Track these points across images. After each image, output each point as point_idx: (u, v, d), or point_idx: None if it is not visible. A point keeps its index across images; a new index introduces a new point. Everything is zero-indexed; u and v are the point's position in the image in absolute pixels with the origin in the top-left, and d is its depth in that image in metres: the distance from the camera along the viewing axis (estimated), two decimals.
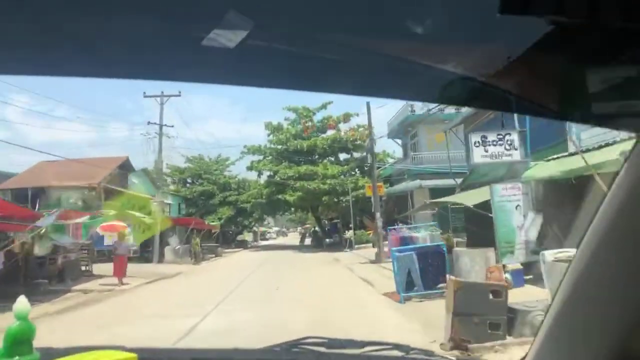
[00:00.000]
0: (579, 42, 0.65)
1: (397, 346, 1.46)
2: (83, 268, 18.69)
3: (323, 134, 35.99)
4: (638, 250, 0.70)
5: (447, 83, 0.75)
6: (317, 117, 36.91)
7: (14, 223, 13.98)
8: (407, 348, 1.44)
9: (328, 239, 34.48)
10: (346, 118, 35.69)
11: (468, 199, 12.10)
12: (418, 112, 26.84)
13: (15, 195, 26.53)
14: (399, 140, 33.07)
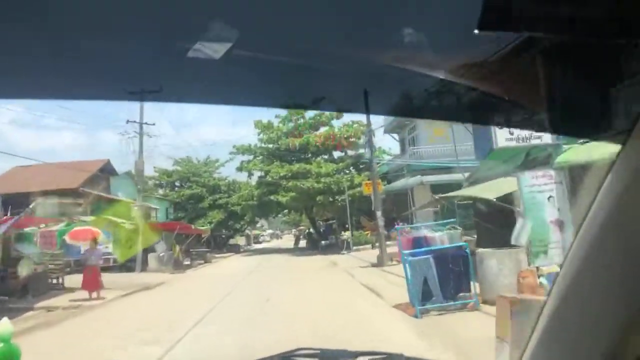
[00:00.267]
0: (557, 53, 0.67)
1: (390, 356, 1.43)
2: (54, 281, 16.83)
3: (316, 131, 34.35)
4: (631, 249, 0.69)
5: (431, 96, 0.80)
6: (309, 114, 35.32)
7: None
8: (401, 358, 1.41)
9: (324, 241, 32.76)
10: (339, 114, 34.13)
11: (486, 191, 10.45)
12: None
13: None
14: (396, 135, 31.53)
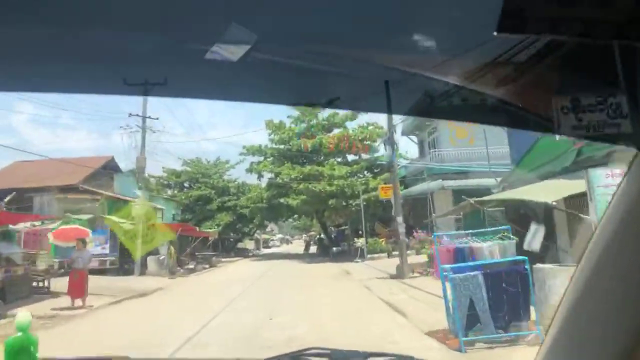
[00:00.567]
0: (576, 58, 0.67)
1: (400, 357, 1.48)
2: (40, 284, 15.35)
3: (329, 133, 32.73)
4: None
5: (446, 97, 0.81)
6: (323, 114, 33.77)
7: None
8: (410, 359, 1.43)
9: (335, 248, 31.00)
10: (353, 115, 32.51)
11: (541, 193, 8.64)
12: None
13: None
14: (415, 137, 29.76)
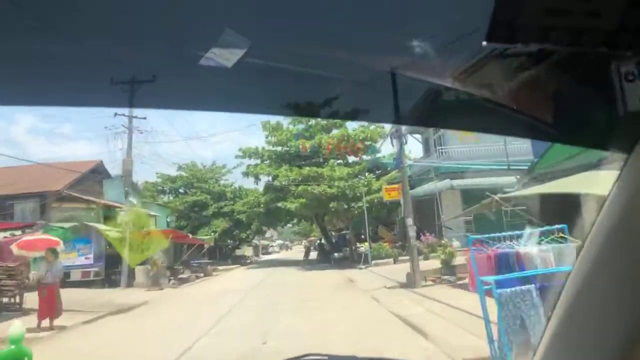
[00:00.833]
0: (566, 66, 0.67)
1: None
2: (12, 300, 13.83)
3: (328, 134, 31.30)
4: (636, 257, 0.69)
5: (439, 104, 0.82)
6: (320, 115, 32.35)
7: None
8: None
9: (337, 253, 29.49)
10: (355, 115, 31.08)
11: (583, 185, 7.16)
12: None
13: None
14: (419, 136, 28.34)
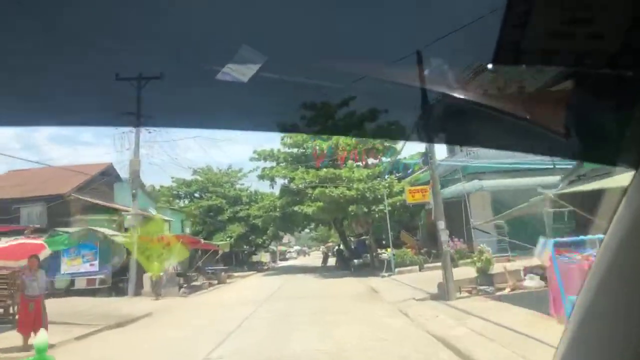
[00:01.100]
0: (573, 86, 0.66)
1: None
2: (5, 311, 12.75)
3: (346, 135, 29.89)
4: None
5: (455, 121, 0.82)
6: (339, 114, 30.93)
7: None
8: None
9: (356, 260, 28.02)
10: (373, 116, 29.64)
11: None
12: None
13: None
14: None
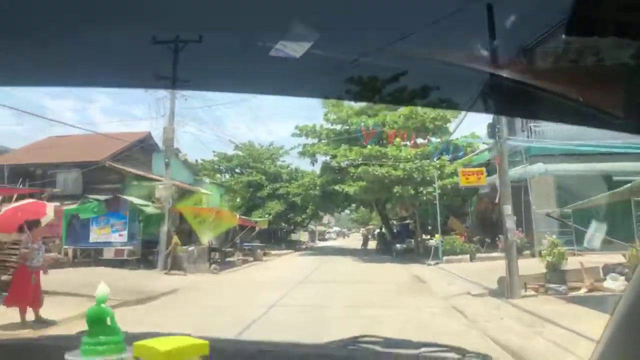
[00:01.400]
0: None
1: (453, 348, 1.45)
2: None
3: (394, 111, 27.84)
4: None
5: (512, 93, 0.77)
6: (387, 89, 28.86)
7: None
8: (463, 351, 1.41)
9: (399, 244, 26.25)
10: (424, 93, 27.35)
11: None
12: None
13: None
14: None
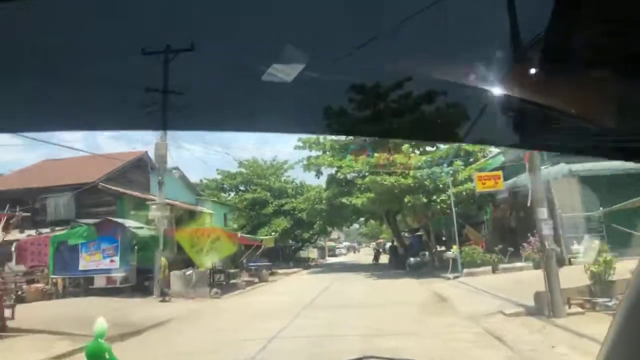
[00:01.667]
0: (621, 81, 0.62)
1: None
2: None
3: (401, 118, 26.51)
4: None
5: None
6: (393, 96, 27.73)
7: None
8: None
9: (412, 258, 24.69)
10: (430, 97, 26.13)
11: None
12: None
13: None
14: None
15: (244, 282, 21.13)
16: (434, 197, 20.31)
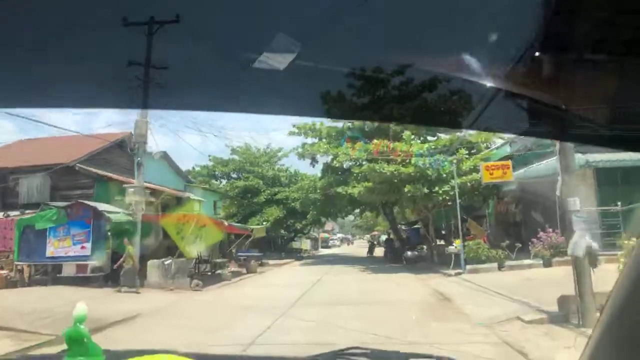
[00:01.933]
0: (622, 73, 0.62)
1: (440, 359, 1.43)
2: None
3: (402, 104, 25.08)
4: None
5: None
6: (394, 82, 26.29)
7: None
8: None
9: (410, 252, 23.44)
10: (432, 85, 24.72)
11: None
12: None
13: None
14: None
15: (230, 273, 19.85)
16: (436, 188, 18.97)
